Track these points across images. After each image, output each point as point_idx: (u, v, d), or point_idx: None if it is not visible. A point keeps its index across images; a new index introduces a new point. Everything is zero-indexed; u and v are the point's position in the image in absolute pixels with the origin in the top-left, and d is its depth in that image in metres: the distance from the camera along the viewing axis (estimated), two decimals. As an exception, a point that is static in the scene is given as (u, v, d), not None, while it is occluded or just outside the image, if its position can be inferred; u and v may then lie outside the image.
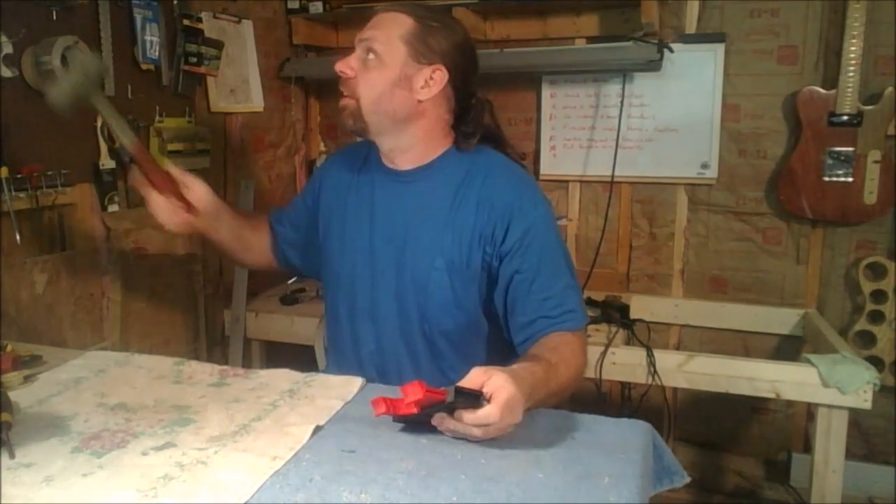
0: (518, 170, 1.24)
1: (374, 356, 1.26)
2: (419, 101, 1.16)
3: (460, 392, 0.85)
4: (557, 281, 1.15)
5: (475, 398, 0.86)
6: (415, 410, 0.86)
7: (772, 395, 1.80)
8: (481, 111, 1.25)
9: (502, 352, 1.22)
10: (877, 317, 2.15)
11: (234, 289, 2.20)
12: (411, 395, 0.85)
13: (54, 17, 1.44)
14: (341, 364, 1.31)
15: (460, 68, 1.18)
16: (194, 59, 1.97)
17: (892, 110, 2.04)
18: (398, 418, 0.92)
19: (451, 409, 0.87)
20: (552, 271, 1.15)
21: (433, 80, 1.16)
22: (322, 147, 2.72)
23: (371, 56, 1.15)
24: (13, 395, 1.01)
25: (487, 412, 0.85)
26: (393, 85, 1.14)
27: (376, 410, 0.89)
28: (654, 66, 2.20)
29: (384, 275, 1.23)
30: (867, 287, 2.15)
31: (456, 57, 1.17)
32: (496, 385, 0.86)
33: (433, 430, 0.90)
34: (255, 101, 2.32)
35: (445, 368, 1.23)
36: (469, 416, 0.86)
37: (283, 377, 1.11)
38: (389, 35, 1.15)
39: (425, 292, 1.19)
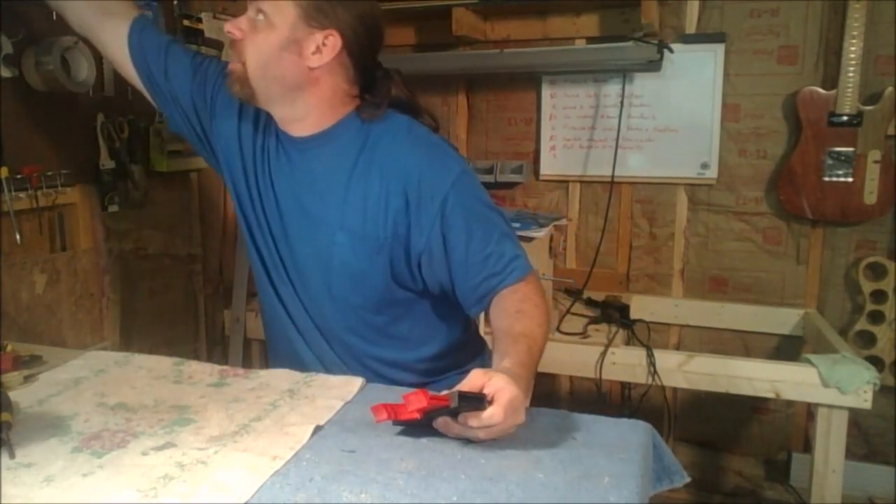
0: (424, 133, 1.16)
1: (294, 334, 1.23)
2: (311, 69, 1.09)
3: (463, 397, 0.85)
4: (491, 235, 1.11)
5: (478, 401, 0.86)
6: (417, 416, 0.86)
7: (772, 395, 1.80)
8: (388, 83, 1.17)
9: (445, 320, 1.20)
10: (877, 317, 2.15)
11: (234, 289, 2.19)
12: (415, 403, 0.85)
13: (54, 17, 1.43)
14: (277, 348, 1.29)
15: (359, 37, 1.10)
16: (194, 59, 1.97)
17: (892, 110, 2.04)
18: (398, 422, 0.92)
19: (453, 414, 0.87)
20: (484, 228, 1.11)
21: (325, 47, 1.07)
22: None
23: (260, 17, 1.07)
24: (13, 395, 1.00)
25: (491, 414, 0.85)
26: (281, 49, 1.07)
27: (377, 417, 0.88)
28: (654, 66, 2.20)
29: (286, 250, 1.19)
30: (867, 287, 2.15)
31: (354, 24, 1.09)
32: (497, 386, 0.86)
33: (433, 430, 0.90)
34: (255, 101, 2.31)
35: (367, 344, 1.19)
36: (474, 420, 0.86)
37: (283, 377, 1.11)
38: None
39: (328, 268, 1.15)
